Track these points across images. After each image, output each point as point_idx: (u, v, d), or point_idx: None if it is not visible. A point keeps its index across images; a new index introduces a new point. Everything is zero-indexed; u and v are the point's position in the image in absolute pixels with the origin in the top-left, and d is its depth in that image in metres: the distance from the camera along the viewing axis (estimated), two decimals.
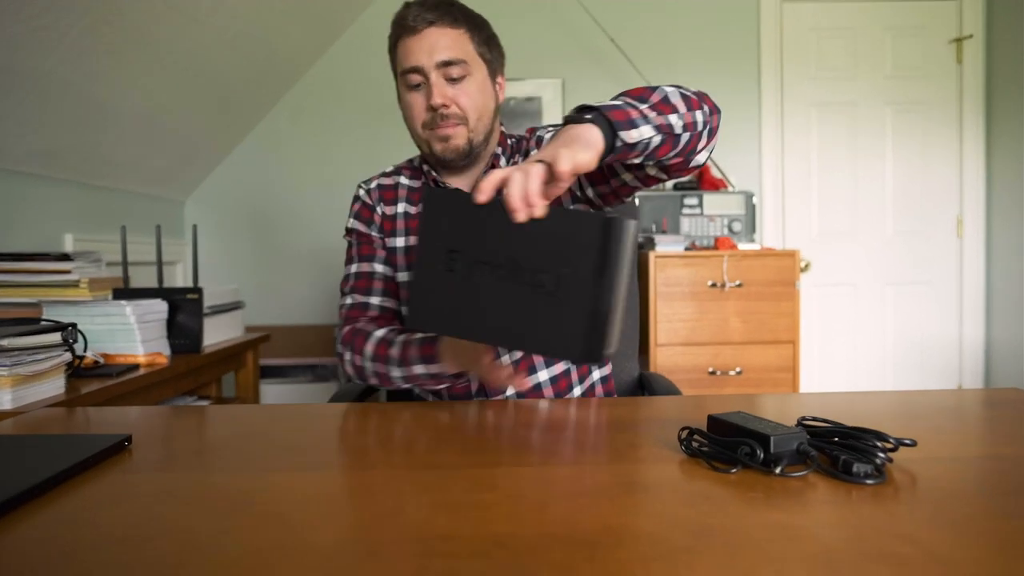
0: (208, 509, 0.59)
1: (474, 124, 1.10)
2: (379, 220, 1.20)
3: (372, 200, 1.21)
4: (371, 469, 0.71)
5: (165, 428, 0.90)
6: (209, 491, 0.63)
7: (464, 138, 1.09)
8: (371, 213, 1.20)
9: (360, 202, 1.22)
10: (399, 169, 1.24)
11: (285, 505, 0.59)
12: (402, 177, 1.22)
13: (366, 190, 1.22)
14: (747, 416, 0.75)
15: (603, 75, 3.06)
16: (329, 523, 0.55)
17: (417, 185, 1.20)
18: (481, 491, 0.63)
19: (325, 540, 0.52)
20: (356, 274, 1.18)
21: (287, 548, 0.50)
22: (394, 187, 1.22)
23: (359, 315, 1.14)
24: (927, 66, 3.08)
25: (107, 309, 1.43)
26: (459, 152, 1.10)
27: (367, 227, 1.20)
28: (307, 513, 0.57)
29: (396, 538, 0.52)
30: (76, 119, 1.95)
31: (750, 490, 0.62)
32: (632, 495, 0.61)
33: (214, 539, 0.52)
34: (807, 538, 0.51)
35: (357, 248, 1.20)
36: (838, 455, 0.66)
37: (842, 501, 0.59)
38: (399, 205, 1.19)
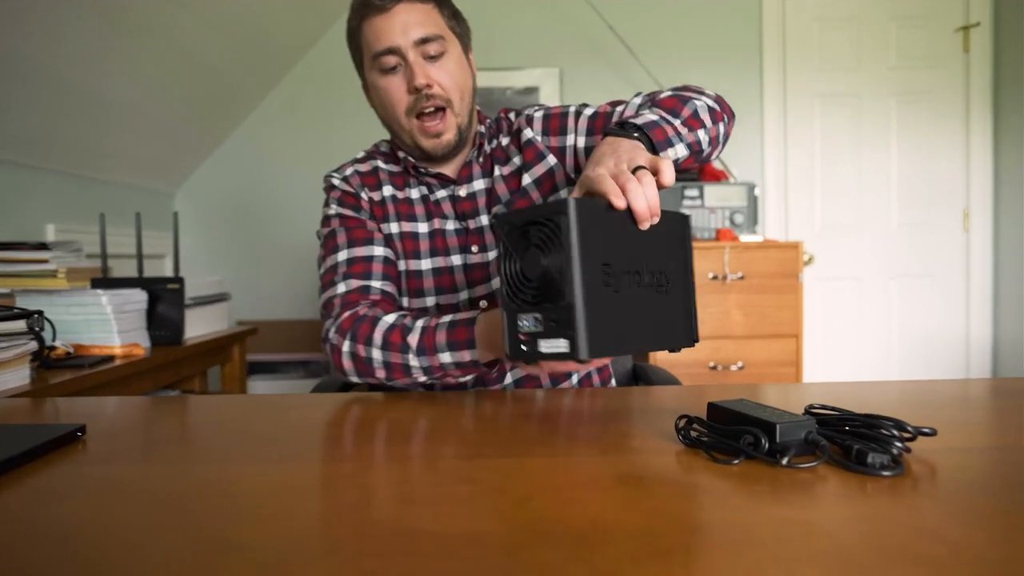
0: (157, 504, 0.53)
1: (459, 107, 1.03)
2: (368, 206, 1.10)
3: (353, 187, 1.11)
4: (342, 460, 0.65)
5: (126, 418, 0.84)
6: (163, 484, 0.58)
7: (453, 129, 1.03)
8: (356, 199, 1.10)
9: (338, 190, 1.12)
10: (370, 154, 1.16)
11: (240, 499, 0.54)
12: (378, 162, 1.14)
13: (342, 178, 1.12)
14: (750, 403, 0.69)
15: (602, 65, 3.00)
16: (285, 518, 0.49)
17: (397, 169, 1.12)
18: (459, 483, 0.57)
19: (277, 537, 0.46)
20: (349, 260, 1.05)
21: (233, 546, 0.45)
22: (373, 172, 1.13)
23: (359, 299, 1.02)
24: (933, 56, 3.02)
25: (82, 299, 1.37)
26: (451, 147, 1.04)
27: (356, 212, 1.10)
28: (263, 507, 0.52)
29: (356, 535, 0.46)
30: (58, 106, 1.89)
31: (754, 482, 0.56)
32: (624, 488, 0.56)
33: (156, 536, 0.46)
34: (818, 535, 0.45)
35: (347, 233, 1.08)
36: (851, 444, 0.60)
37: (856, 494, 0.53)
38: (384, 189, 1.11)
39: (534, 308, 0.67)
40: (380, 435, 0.74)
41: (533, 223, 0.67)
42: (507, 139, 1.13)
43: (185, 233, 2.97)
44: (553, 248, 0.66)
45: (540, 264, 0.66)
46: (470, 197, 1.09)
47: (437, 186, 1.10)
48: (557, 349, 0.66)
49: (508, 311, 0.69)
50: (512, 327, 0.69)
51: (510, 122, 1.14)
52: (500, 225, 0.69)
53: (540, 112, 1.12)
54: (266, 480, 0.58)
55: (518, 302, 0.68)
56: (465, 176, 1.10)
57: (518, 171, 1.10)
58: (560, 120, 1.10)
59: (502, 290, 0.70)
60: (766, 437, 0.61)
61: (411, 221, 1.09)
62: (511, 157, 1.11)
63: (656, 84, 2.90)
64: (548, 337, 0.66)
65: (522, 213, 0.68)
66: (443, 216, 1.09)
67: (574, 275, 0.64)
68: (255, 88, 2.86)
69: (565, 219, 0.65)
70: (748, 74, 3.03)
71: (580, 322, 0.65)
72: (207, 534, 0.47)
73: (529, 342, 0.68)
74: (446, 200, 1.09)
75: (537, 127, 1.10)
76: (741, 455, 0.61)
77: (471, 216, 1.09)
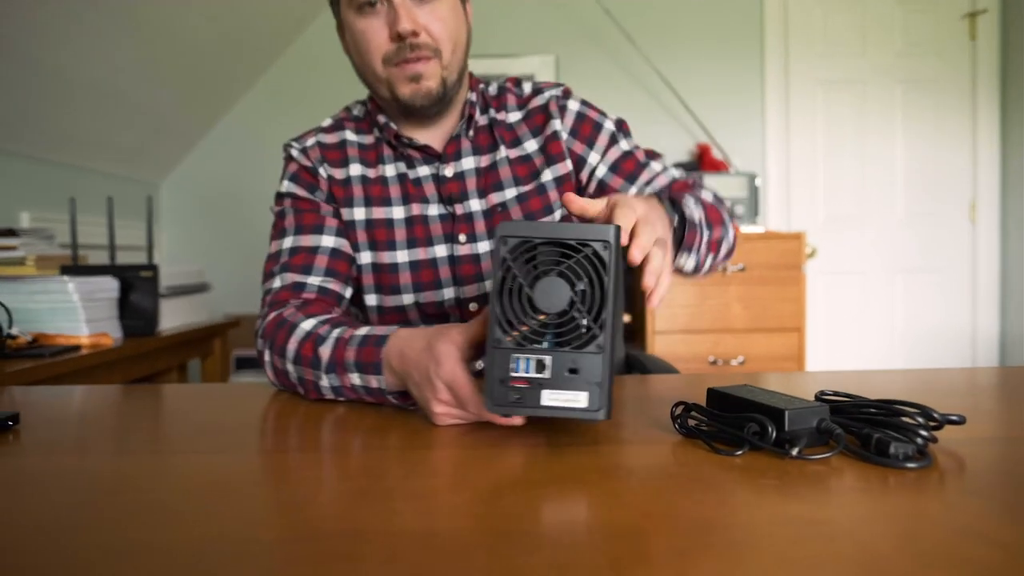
0: (77, 501, 0.46)
1: (448, 59, 0.89)
2: (326, 186, 0.95)
3: (311, 161, 0.96)
4: (290, 451, 0.58)
5: (66, 408, 0.77)
6: (89, 479, 0.51)
7: (437, 78, 0.88)
8: (313, 177, 0.95)
9: (295, 164, 0.97)
10: (339, 122, 0.99)
11: (173, 492, 0.47)
12: (347, 132, 0.98)
13: (300, 149, 0.97)
14: (754, 389, 0.62)
15: (599, 52, 2.93)
16: (216, 515, 0.42)
17: (369, 141, 0.97)
18: (419, 478, 0.50)
19: (194, 539, 0.39)
20: (292, 249, 0.91)
21: (143, 549, 0.37)
22: (339, 145, 0.97)
23: (289, 297, 0.88)
24: (939, 42, 2.94)
25: (48, 286, 1.30)
26: (431, 97, 0.88)
27: (309, 192, 0.95)
28: (194, 502, 0.45)
29: (290, 536, 0.39)
30: (31, 88, 1.82)
31: (760, 476, 0.49)
32: (609, 482, 0.48)
33: (62, 538, 0.39)
34: (841, 536, 0.38)
35: (296, 217, 0.94)
36: (870, 433, 0.53)
37: (879, 489, 0.46)
38: (351, 167, 0.95)
39: (540, 350, 0.55)
40: (332, 424, 0.67)
41: (560, 244, 0.55)
42: (518, 116, 0.99)
43: (173, 225, 2.90)
44: (584, 280, 0.54)
45: (560, 296, 0.54)
46: (457, 177, 0.95)
47: (419, 161, 0.95)
48: (570, 404, 0.54)
49: (498, 348, 0.55)
50: (500, 369, 0.54)
51: (520, 96, 1.00)
52: (504, 238, 0.55)
53: (576, 106, 0.98)
54: (205, 472, 0.51)
55: (517, 339, 0.55)
56: (452, 152, 0.95)
57: (529, 160, 0.96)
58: (593, 130, 0.97)
59: (493, 319, 0.55)
60: (773, 425, 0.53)
61: (384, 205, 0.94)
62: (522, 140, 0.97)
63: (654, 72, 2.82)
64: (558, 388, 0.54)
65: (538, 228, 0.55)
66: (423, 199, 0.94)
67: (609, 317, 0.54)
68: (243, 75, 2.79)
69: (610, 250, 0.54)
70: (749, 60, 2.95)
71: (607, 375, 0.54)
72: (118, 535, 0.39)
73: (528, 391, 0.54)
74: (429, 180, 0.95)
75: (568, 123, 0.97)
76: (745, 445, 0.54)
77: (458, 200, 0.94)
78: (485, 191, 0.95)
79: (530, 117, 0.99)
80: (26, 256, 1.44)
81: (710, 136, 2.80)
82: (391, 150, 0.97)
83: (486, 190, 0.95)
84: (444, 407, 0.63)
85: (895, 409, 0.55)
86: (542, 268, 0.54)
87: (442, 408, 0.63)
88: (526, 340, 0.55)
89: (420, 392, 0.65)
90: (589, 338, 0.54)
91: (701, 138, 2.86)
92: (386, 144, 0.97)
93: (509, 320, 0.55)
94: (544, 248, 0.55)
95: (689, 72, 2.90)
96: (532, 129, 0.98)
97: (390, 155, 0.97)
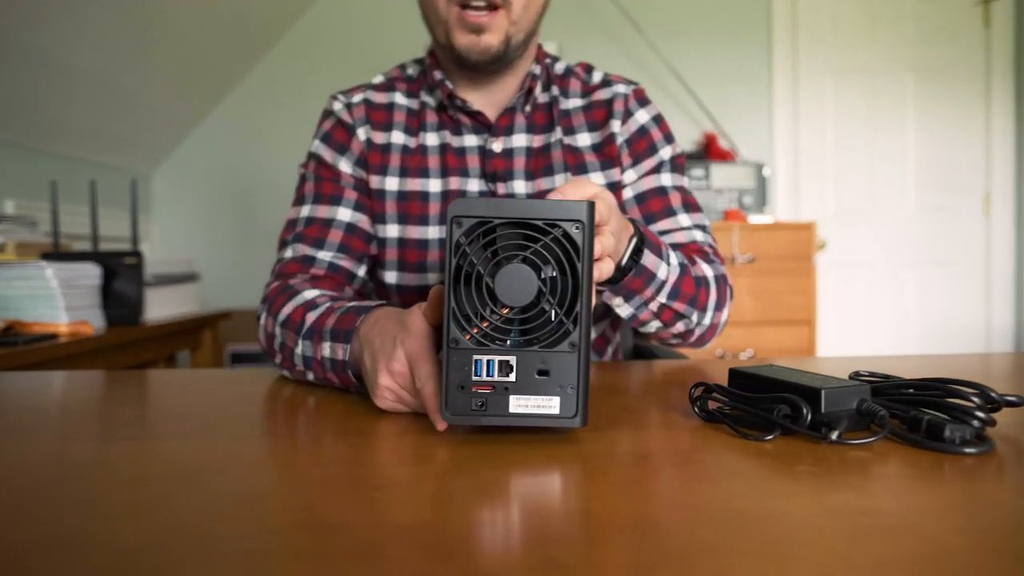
0: (23, 485, 0.40)
1: (518, 14, 0.79)
2: (360, 149, 0.88)
3: (353, 119, 0.88)
4: (262, 437, 0.52)
5: (28, 393, 0.71)
6: (40, 464, 0.45)
7: (501, 35, 0.79)
8: (348, 136, 0.88)
9: (334, 119, 0.89)
10: (391, 82, 0.92)
11: (125, 482, 0.41)
12: (397, 95, 0.90)
13: (345, 103, 0.89)
14: (781, 368, 0.56)
15: (603, 39, 2.86)
16: (169, 506, 0.36)
17: (415, 106, 0.89)
18: (408, 464, 0.44)
19: (148, 530, 0.33)
20: (308, 219, 0.86)
21: (73, 545, 0.31)
22: (388, 107, 0.89)
23: (297, 270, 0.83)
24: (952, 29, 2.86)
25: (26, 272, 1.24)
26: (489, 53, 0.80)
27: (337, 157, 0.88)
28: (146, 492, 0.38)
29: (249, 530, 0.33)
30: (16, 73, 1.76)
31: (796, 462, 0.42)
32: (625, 471, 0.42)
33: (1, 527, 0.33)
34: (903, 530, 0.31)
35: (316, 184, 0.87)
36: (918, 416, 0.47)
37: (935, 477, 0.39)
38: (393, 133, 0.88)
39: (504, 349, 0.47)
40: (311, 409, 0.60)
41: (524, 225, 0.46)
42: (578, 103, 0.90)
43: (167, 216, 2.84)
44: (553, 266, 0.47)
45: (526, 287, 0.46)
46: (505, 154, 0.87)
47: (468, 128, 0.87)
48: (540, 410, 0.47)
49: (455, 349, 0.47)
50: (459, 373, 0.47)
51: (586, 84, 0.91)
52: (457, 218, 0.46)
53: (644, 118, 0.89)
54: (155, 460, 0.45)
55: (478, 337, 0.47)
56: (504, 125, 0.87)
57: (579, 152, 0.88)
58: (646, 150, 0.88)
59: (448, 316, 0.47)
60: (808, 406, 0.47)
61: (421, 176, 0.87)
62: (576, 131, 0.89)
63: (660, 59, 2.76)
64: (526, 393, 0.47)
65: (498, 206, 0.46)
66: (464, 172, 0.87)
67: (583, 310, 0.46)
68: (237, 63, 2.73)
69: (583, 230, 0.46)
70: (756, 47, 2.88)
71: (583, 377, 0.47)
72: (56, 530, 0.33)
73: (492, 397, 0.47)
74: (474, 152, 0.87)
75: (628, 131, 0.88)
76: (775, 429, 0.48)
77: (502, 179, 0.86)
78: (534, 174, 0.87)
79: (590, 109, 0.89)
80: (5, 242, 1.39)
81: (717, 125, 2.74)
82: (436, 116, 0.89)
83: (535, 173, 0.87)
84: (390, 380, 0.54)
85: (947, 389, 0.48)
86: (503, 254, 0.46)
87: (388, 381, 0.54)
88: (488, 339, 0.47)
89: (373, 362, 0.56)
90: (561, 335, 0.46)
91: (708, 127, 2.79)
92: (432, 110, 0.89)
93: (467, 315, 0.47)
94: (505, 230, 0.47)
95: (695, 60, 2.83)
96: (589, 123, 0.89)
97: (434, 122, 0.89)
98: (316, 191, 0.87)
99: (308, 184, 0.89)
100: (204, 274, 2.73)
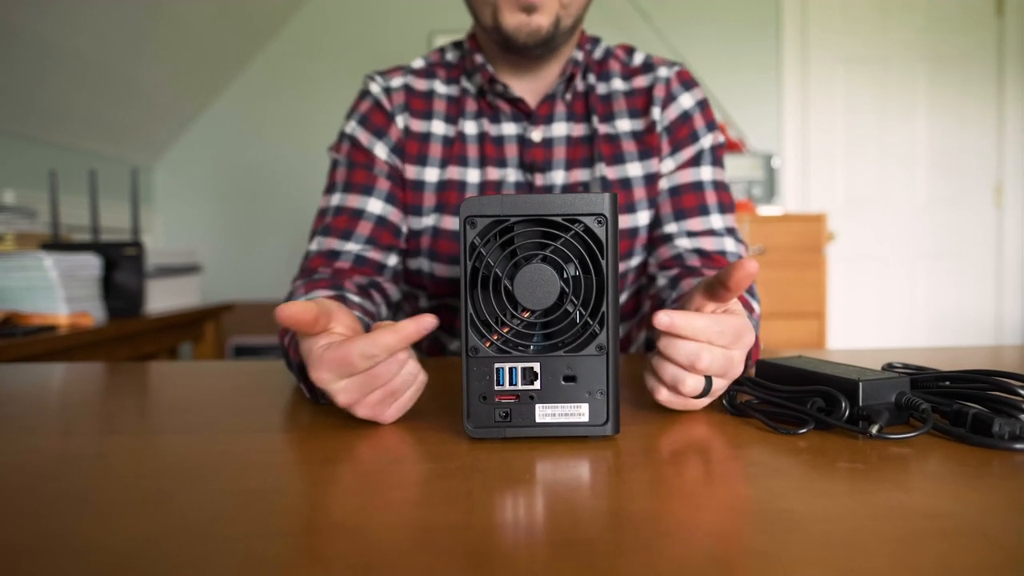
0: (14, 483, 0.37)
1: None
2: (398, 136, 0.84)
3: (392, 105, 0.84)
4: (267, 431, 0.49)
5: (25, 385, 0.68)
6: (35, 459, 0.42)
7: (552, 15, 0.76)
8: (387, 121, 0.84)
9: (371, 100, 0.85)
10: (431, 68, 0.88)
11: (123, 478, 0.38)
12: (436, 82, 0.87)
13: (384, 87, 0.85)
14: (812, 360, 0.53)
15: (610, 28, 2.82)
16: (166, 505, 0.34)
17: (456, 93, 0.86)
18: (425, 461, 0.41)
19: (142, 532, 0.30)
20: (337, 208, 0.81)
21: (78, 544, 0.29)
22: (427, 95, 0.86)
23: (319, 265, 0.79)
24: (964, 18, 2.82)
25: (24, 262, 1.21)
26: (539, 35, 0.76)
27: (374, 141, 0.83)
28: (143, 490, 0.36)
29: (252, 532, 0.30)
30: (17, 63, 1.73)
31: (836, 458, 0.40)
32: (653, 470, 0.40)
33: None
34: (969, 533, 0.29)
35: (348, 172, 0.83)
36: (963, 409, 0.44)
37: (986, 474, 0.37)
38: (433, 123, 0.84)
39: (528, 355, 0.44)
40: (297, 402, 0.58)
41: (542, 222, 0.44)
42: (618, 87, 0.86)
43: (169, 207, 2.82)
44: (575, 265, 0.44)
45: (548, 288, 0.43)
46: (544, 144, 0.84)
47: (507, 116, 0.84)
48: (569, 418, 0.44)
49: (475, 358, 0.44)
50: (481, 383, 0.44)
51: (627, 66, 0.88)
52: (471, 219, 0.44)
53: (688, 103, 0.84)
54: (154, 456, 0.43)
55: (499, 344, 0.44)
56: (544, 114, 0.84)
57: (616, 140, 0.84)
58: (687, 137, 0.84)
59: (466, 322, 0.44)
60: (846, 399, 0.44)
61: (460, 165, 0.84)
62: (616, 116, 0.85)
63: (668, 48, 2.72)
64: (552, 401, 0.44)
65: (513, 203, 0.44)
66: (501, 162, 0.84)
67: (610, 309, 0.44)
68: (239, 53, 2.69)
69: (605, 225, 0.44)
70: (766, 36, 2.84)
71: (613, 380, 0.44)
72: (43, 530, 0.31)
73: (517, 408, 0.44)
74: (512, 140, 0.84)
75: (669, 116, 0.84)
76: (810, 423, 0.45)
77: (540, 169, 0.83)
78: (573, 164, 0.84)
79: (631, 96, 0.86)
80: (5, 233, 1.36)
81: (726, 115, 2.70)
82: (475, 104, 0.85)
83: (574, 163, 0.84)
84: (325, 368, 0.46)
85: (992, 381, 0.46)
86: (522, 254, 0.44)
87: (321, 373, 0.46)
88: (509, 345, 0.44)
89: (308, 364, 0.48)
90: (587, 337, 0.44)
91: (716, 117, 2.76)
92: (471, 97, 0.86)
93: (486, 321, 0.44)
94: (523, 228, 0.44)
95: (704, 49, 2.80)
96: (630, 109, 0.85)
97: (472, 110, 0.85)
98: (348, 179, 0.83)
99: (340, 171, 0.84)
100: (206, 265, 2.71)
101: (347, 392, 0.46)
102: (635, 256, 0.85)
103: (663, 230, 0.83)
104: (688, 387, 0.46)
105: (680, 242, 0.81)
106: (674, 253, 0.80)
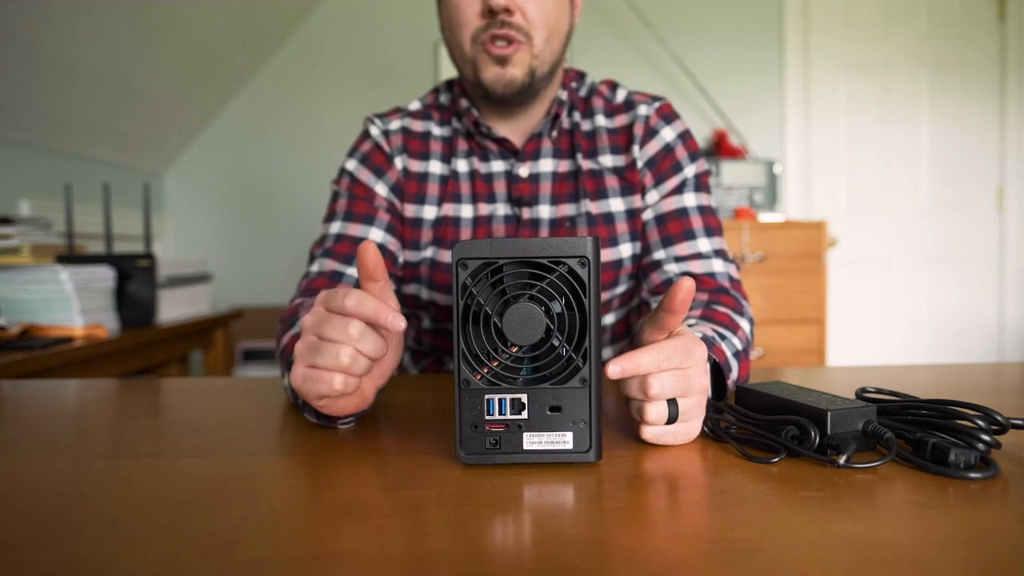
0: (35, 508, 0.41)
1: (540, 47, 0.81)
2: (396, 177, 0.89)
3: (391, 147, 0.89)
4: (275, 455, 0.52)
5: (44, 403, 0.72)
6: (54, 484, 0.46)
7: (524, 67, 0.80)
8: (387, 161, 0.89)
9: (370, 143, 0.90)
10: (427, 109, 0.93)
11: (139, 504, 0.42)
12: (432, 124, 0.92)
13: (383, 130, 0.90)
14: (788, 387, 0.56)
15: (610, 34, 2.85)
16: (181, 531, 0.37)
17: (449, 134, 0.91)
18: (419, 487, 0.44)
19: (156, 558, 0.33)
20: (338, 235, 0.85)
21: (98, 570, 0.32)
22: (424, 136, 0.91)
23: (323, 285, 0.82)
24: (966, 23, 2.83)
25: (41, 275, 1.26)
26: (514, 86, 0.81)
27: (374, 180, 0.88)
28: (159, 516, 0.39)
29: (263, 559, 0.34)
30: (29, 73, 1.77)
31: (802, 487, 0.43)
32: (628, 496, 0.43)
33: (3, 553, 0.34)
34: (905, 564, 0.32)
35: (349, 203, 0.87)
36: (924, 438, 0.47)
37: (939, 503, 0.40)
38: (431, 163, 0.89)
39: (516, 387, 0.48)
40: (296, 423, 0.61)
41: (529, 264, 0.47)
42: (601, 124, 0.90)
43: (179, 215, 2.86)
44: (560, 304, 0.47)
45: (535, 325, 0.46)
46: (532, 179, 0.88)
47: (495, 155, 0.89)
48: (554, 446, 0.48)
49: (466, 390, 0.48)
50: (472, 413, 0.48)
51: (609, 103, 0.91)
52: (463, 261, 0.47)
53: (670, 136, 0.88)
54: (170, 480, 0.46)
55: (489, 377, 0.48)
56: (531, 151, 0.88)
57: (600, 176, 0.87)
58: (669, 169, 0.87)
59: (458, 357, 0.48)
60: (816, 428, 0.48)
61: (455, 202, 0.89)
62: (599, 153, 0.88)
63: (670, 55, 2.74)
64: (539, 429, 0.48)
65: (501, 246, 0.47)
66: (491, 197, 0.88)
67: (592, 345, 0.47)
68: (247, 62, 2.74)
69: (588, 267, 0.47)
70: (768, 42, 2.86)
71: (595, 411, 0.47)
72: (69, 553, 0.34)
73: (506, 436, 0.48)
74: (501, 177, 0.89)
75: (649, 151, 0.87)
76: (782, 452, 0.48)
77: (528, 203, 0.87)
78: (558, 199, 0.88)
79: (614, 133, 0.90)
80: (22, 245, 1.40)
81: (728, 122, 2.72)
82: (466, 143, 0.90)
83: (559, 198, 0.88)
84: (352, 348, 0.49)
85: (952, 411, 0.49)
86: (511, 293, 0.47)
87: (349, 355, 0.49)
88: (499, 378, 0.48)
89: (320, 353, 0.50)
90: (571, 371, 0.47)
91: (718, 124, 2.78)
92: (461, 137, 0.90)
93: (477, 355, 0.47)
94: (511, 269, 0.47)
95: (706, 55, 2.82)
96: (612, 145, 0.89)
97: (464, 149, 0.90)
98: (348, 209, 0.87)
99: (341, 201, 0.88)
100: (216, 271, 2.76)
101: (300, 359, 0.51)
102: (620, 285, 0.91)
103: (652, 257, 0.87)
104: (652, 415, 0.50)
105: (669, 267, 0.84)
106: (664, 279, 0.84)
